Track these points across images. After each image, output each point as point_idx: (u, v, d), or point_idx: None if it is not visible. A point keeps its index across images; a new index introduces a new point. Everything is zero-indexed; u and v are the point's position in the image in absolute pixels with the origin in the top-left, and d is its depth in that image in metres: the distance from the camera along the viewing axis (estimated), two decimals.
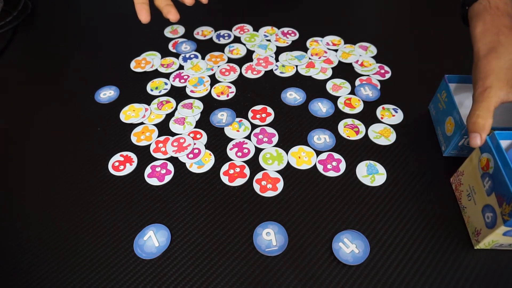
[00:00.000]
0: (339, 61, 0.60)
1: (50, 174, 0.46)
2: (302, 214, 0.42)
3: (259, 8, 0.72)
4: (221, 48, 0.64)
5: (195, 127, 0.51)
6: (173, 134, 0.50)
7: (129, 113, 0.53)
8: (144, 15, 0.47)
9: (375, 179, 0.45)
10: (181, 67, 0.60)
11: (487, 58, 0.38)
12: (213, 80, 0.58)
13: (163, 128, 0.51)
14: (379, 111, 0.53)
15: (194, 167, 0.46)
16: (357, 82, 0.57)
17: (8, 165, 0.47)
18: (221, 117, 0.52)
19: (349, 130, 0.50)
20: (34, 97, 0.56)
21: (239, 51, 0.62)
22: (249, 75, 0.58)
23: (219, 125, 0.51)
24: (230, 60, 0.61)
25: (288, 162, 0.46)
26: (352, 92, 0.56)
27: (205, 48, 0.63)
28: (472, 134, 0.37)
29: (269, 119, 0.52)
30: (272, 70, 0.59)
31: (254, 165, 0.46)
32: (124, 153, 0.48)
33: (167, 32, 0.67)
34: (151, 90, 0.56)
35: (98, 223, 0.41)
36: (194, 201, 0.43)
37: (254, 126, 0.51)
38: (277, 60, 0.61)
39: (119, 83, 0.57)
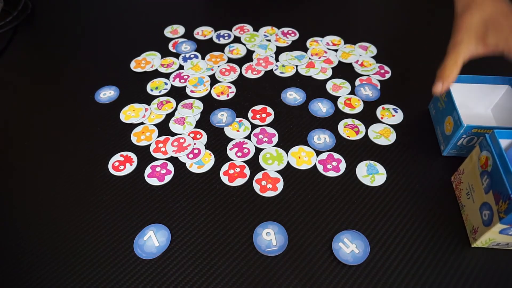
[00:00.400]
0: (339, 61, 0.61)
1: (50, 174, 0.46)
2: (302, 214, 0.42)
3: (259, 8, 0.72)
4: (221, 48, 0.64)
5: (195, 127, 0.51)
6: (173, 134, 0.50)
7: (129, 113, 0.53)
8: None
9: (375, 179, 0.45)
10: (181, 67, 0.60)
11: (462, 16, 0.41)
12: (213, 80, 0.58)
13: (163, 128, 0.51)
14: (379, 111, 0.53)
15: (194, 167, 0.46)
16: (357, 82, 0.57)
17: (8, 165, 0.47)
18: (221, 117, 0.52)
19: (349, 130, 0.50)
20: (34, 97, 0.56)
21: (239, 51, 0.62)
22: (249, 75, 0.58)
23: (219, 125, 0.51)
24: (230, 60, 0.61)
25: (288, 162, 0.46)
26: (352, 92, 0.56)
27: (205, 48, 0.63)
28: (437, 82, 0.42)
29: (269, 119, 0.52)
30: (272, 70, 0.59)
31: (254, 165, 0.46)
32: (124, 153, 0.48)
33: (167, 32, 0.67)
34: (151, 90, 0.56)
35: (98, 223, 0.41)
36: (194, 201, 0.43)
37: (254, 126, 0.51)
38: (277, 60, 0.61)
39: (119, 83, 0.57)
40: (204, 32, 0.67)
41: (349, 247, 0.39)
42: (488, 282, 0.36)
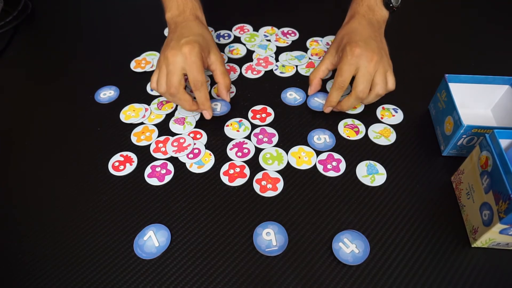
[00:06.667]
0: None
1: (50, 174, 0.46)
2: (302, 214, 0.42)
3: (259, 8, 0.72)
4: (221, 48, 0.64)
5: (195, 127, 0.51)
6: (173, 134, 0.50)
7: (129, 113, 0.53)
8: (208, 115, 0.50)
9: (375, 179, 0.45)
10: None
11: (338, 33, 0.52)
12: (213, 80, 0.58)
13: (163, 128, 0.51)
14: (379, 111, 0.53)
15: (194, 167, 0.46)
16: None
17: (8, 165, 0.47)
18: (215, 106, 0.52)
19: (349, 130, 0.50)
20: (34, 97, 0.56)
21: (239, 51, 0.62)
22: (249, 75, 0.58)
23: (215, 114, 0.51)
24: (230, 60, 0.61)
25: (288, 162, 0.46)
26: None
27: None
28: (310, 86, 0.53)
29: (269, 119, 0.52)
30: (272, 70, 0.59)
31: (254, 165, 0.46)
32: (124, 153, 0.48)
33: (167, 32, 0.67)
34: (151, 90, 0.56)
35: (98, 223, 0.41)
36: (194, 201, 0.43)
37: (254, 126, 0.51)
38: (277, 60, 0.61)
39: (119, 83, 0.57)
40: None
41: (349, 247, 0.39)
42: (488, 282, 0.36)
